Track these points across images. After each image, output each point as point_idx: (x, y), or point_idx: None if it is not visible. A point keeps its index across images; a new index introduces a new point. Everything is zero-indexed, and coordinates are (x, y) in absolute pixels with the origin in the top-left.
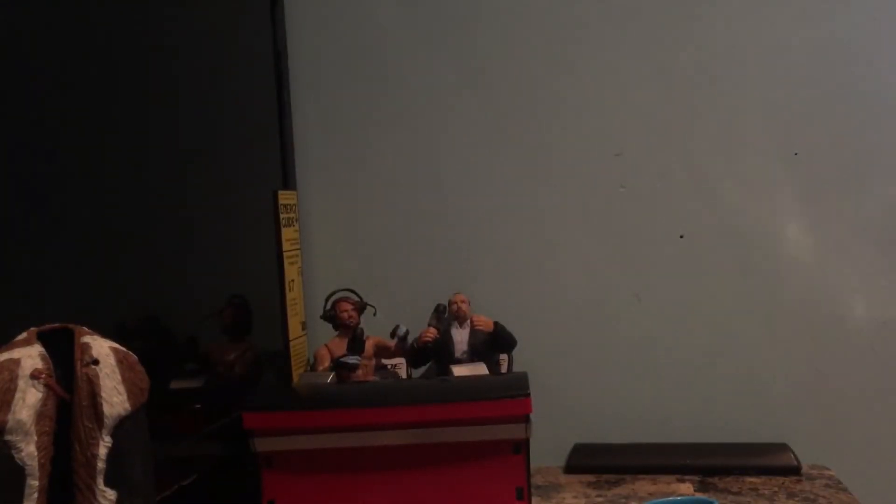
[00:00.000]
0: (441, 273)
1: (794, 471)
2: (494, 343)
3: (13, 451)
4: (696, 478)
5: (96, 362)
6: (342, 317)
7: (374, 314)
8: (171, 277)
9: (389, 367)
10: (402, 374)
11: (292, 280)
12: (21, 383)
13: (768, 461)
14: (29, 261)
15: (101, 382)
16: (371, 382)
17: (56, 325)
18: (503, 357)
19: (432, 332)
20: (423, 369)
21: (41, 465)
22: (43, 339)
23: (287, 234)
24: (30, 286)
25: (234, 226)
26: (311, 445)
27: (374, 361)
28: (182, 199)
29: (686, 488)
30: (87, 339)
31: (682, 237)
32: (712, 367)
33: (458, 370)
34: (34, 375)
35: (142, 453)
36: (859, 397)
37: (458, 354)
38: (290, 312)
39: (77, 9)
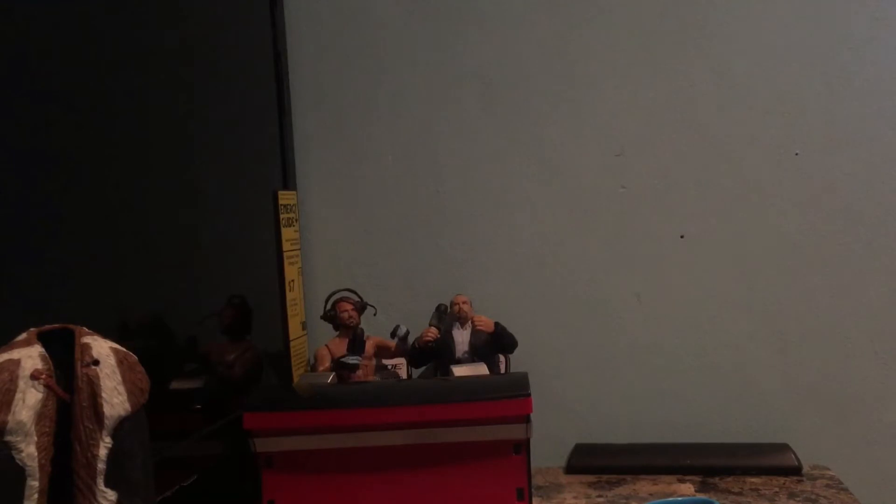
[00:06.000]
0: (441, 273)
1: (794, 471)
2: (495, 344)
3: (13, 452)
4: (697, 478)
5: (97, 363)
6: (342, 317)
7: (374, 314)
8: (171, 277)
9: (390, 367)
10: (403, 374)
11: (292, 280)
12: (21, 384)
13: (769, 461)
14: (29, 261)
15: (102, 383)
16: (371, 382)
17: (56, 325)
18: (501, 357)
19: (433, 332)
20: (423, 369)
21: (41, 466)
22: (43, 339)
23: (287, 234)
24: (30, 286)
25: (234, 226)
26: (311, 445)
27: (374, 361)
28: (182, 199)
29: (687, 488)
30: (87, 339)
31: (682, 237)
32: (712, 367)
33: (459, 370)
34: (34, 376)
35: (142, 454)
36: (859, 397)
37: (459, 355)
38: (290, 312)
39: (76, 10)
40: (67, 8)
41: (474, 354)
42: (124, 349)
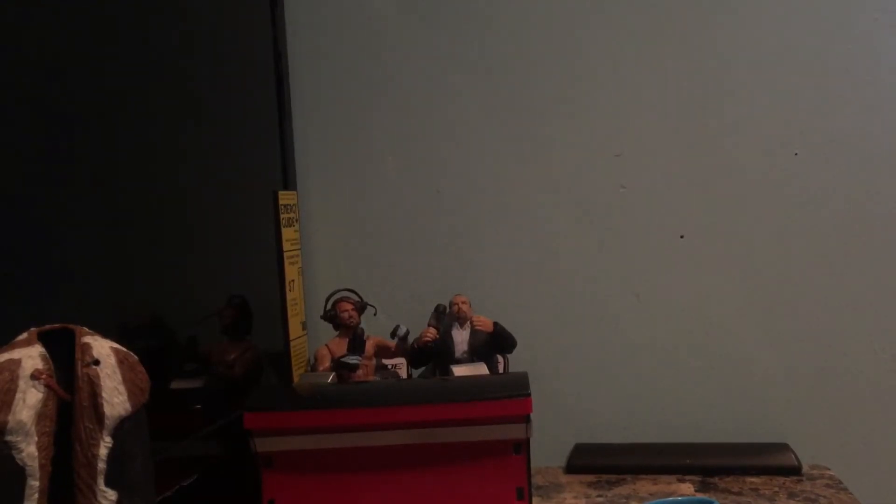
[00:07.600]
0: (441, 273)
1: (794, 471)
2: (495, 343)
3: (14, 452)
4: (697, 478)
5: (97, 362)
6: (342, 317)
7: (375, 314)
8: (171, 277)
9: (390, 367)
10: (403, 374)
11: (292, 280)
12: (21, 384)
13: (769, 461)
14: (29, 261)
15: (102, 383)
16: (371, 382)
17: (57, 325)
18: (499, 357)
19: (432, 333)
20: (423, 369)
21: (41, 466)
22: (43, 339)
23: (287, 234)
24: (30, 286)
25: (234, 226)
26: (311, 445)
27: (374, 361)
28: (182, 199)
29: (686, 488)
30: (87, 339)
31: (682, 237)
32: (712, 367)
33: (459, 370)
34: (35, 376)
35: (142, 453)
36: (859, 397)
37: (458, 355)
38: (290, 312)
39: (77, 10)
40: (68, 8)
41: (473, 354)
42: (124, 349)
